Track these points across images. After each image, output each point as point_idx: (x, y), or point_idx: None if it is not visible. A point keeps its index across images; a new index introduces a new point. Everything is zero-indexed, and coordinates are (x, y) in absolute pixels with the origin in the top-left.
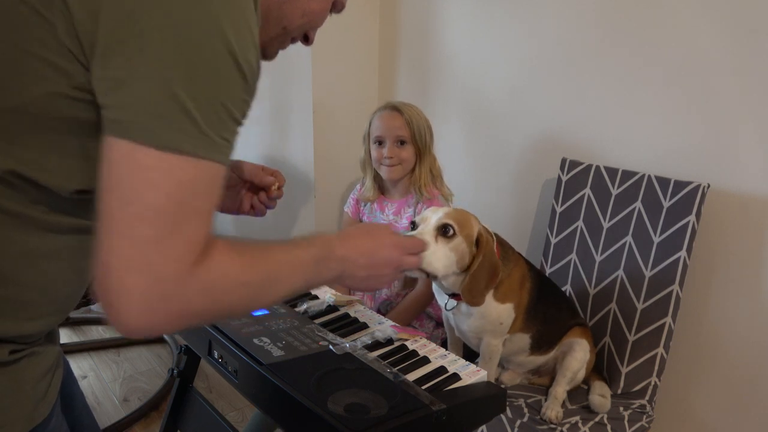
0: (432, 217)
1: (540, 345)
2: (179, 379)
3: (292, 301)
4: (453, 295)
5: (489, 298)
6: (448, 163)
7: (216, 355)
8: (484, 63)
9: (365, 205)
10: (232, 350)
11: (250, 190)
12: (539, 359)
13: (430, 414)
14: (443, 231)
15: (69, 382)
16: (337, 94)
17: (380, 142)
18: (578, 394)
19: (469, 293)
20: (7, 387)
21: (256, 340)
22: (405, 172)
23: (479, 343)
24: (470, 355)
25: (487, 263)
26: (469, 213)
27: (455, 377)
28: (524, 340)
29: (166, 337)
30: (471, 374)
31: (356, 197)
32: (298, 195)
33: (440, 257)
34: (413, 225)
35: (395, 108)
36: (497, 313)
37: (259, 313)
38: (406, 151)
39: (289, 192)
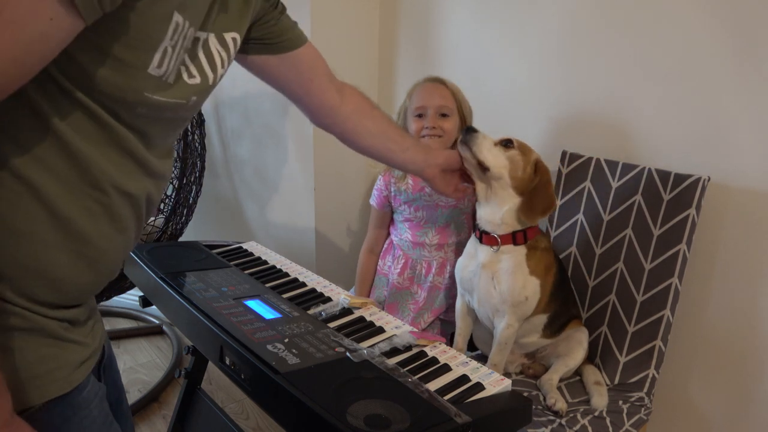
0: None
1: (552, 327)
2: (186, 380)
3: (306, 304)
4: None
5: (523, 256)
6: None
7: (228, 361)
8: (484, 56)
9: (396, 190)
10: (245, 357)
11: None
12: (544, 341)
13: (456, 428)
14: (504, 142)
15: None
16: None
17: (421, 114)
18: (577, 389)
19: (527, 206)
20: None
21: (269, 347)
22: (444, 146)
23: (494, 324)
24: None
25: (544, 186)
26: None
27: (479, 387)
28: (541, 319)
29: (165, 329)
30: (495, 383)
31: (384, 184)
32: (297, 188)
33: (492, 153)
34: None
35: (438, 79)
36: (523, 281)
37: (271, 316)
38: (449, 123)
39: (288, 186)
